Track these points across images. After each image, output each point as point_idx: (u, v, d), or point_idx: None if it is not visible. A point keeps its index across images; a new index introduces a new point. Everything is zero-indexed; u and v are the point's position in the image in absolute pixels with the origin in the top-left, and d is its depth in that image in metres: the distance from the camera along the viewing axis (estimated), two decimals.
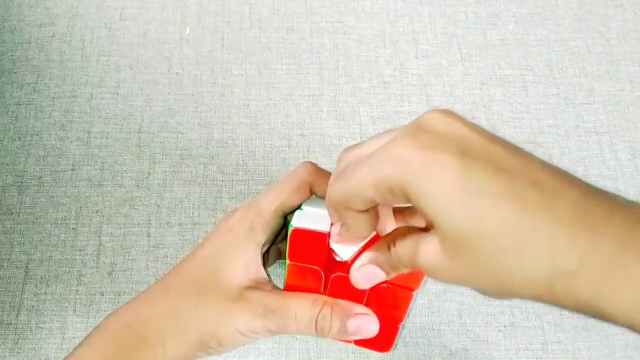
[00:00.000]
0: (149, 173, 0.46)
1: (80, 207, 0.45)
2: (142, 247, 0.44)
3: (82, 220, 0.44)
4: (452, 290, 0.43)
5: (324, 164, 0.47)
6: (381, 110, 0.50)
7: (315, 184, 0.25)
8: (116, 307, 0.38)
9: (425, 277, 0.23)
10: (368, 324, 0.24)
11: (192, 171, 0.47)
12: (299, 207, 0.26)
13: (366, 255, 0.22)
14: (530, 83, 0.51)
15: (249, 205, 0.26)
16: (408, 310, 0.25)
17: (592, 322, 0.42)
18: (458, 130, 0.18)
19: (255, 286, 0.24)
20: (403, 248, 0.19)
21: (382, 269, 0.21)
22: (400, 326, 0.26)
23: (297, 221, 0.23)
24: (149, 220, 0.45)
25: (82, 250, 0.43)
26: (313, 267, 0.24)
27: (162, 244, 0.44)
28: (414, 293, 0.25)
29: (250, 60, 0.52)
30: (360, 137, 0.48)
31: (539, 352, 0.41)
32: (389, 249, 0.20)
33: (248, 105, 0.50)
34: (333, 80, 0.51)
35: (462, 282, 0.18)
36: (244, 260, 0.24)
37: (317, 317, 0.24)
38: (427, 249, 0.18)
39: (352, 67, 0.52)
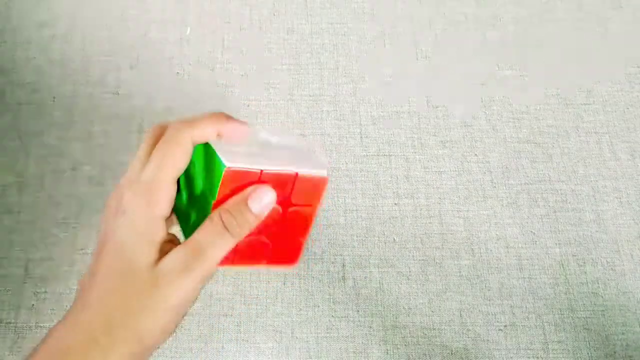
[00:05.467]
0: None
1: (81, 207, 0.45)
2: None
3: (83, 219, 0.44)
4: (453, 290, 0.43)
5: None
6: (381, 110, 0.50)
7: (195, 135, 0.24)
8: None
9: (324, 193, 0.25)
10: (265, 193, 0.24)
11: None
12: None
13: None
14: (530, 84, 0.52)
15: (137, 182, 0.24)
16: (311, 225, 0.26)
17: (592, 321, 0.42)
18: None
19: (167, 250, 0.23)
20: None
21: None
22: (304, 241, 0.27)
23: (229, 161, 0.22)
24: None
25: (82, 249, 0.43)
26: None
27: None
28: (315, 208, 0.26)
29: (250, 61, 0.52)
30: (361, 137, 0.48)
31: (539, 351, 0.41)
32: None
33: (248, 106, 0.50)
34: (333, 81, 0.51)
35: None
36: (151, 245, 0.23)
37: (222, 216, 0.23)
38: None
39: (352, 68, 0.52)
